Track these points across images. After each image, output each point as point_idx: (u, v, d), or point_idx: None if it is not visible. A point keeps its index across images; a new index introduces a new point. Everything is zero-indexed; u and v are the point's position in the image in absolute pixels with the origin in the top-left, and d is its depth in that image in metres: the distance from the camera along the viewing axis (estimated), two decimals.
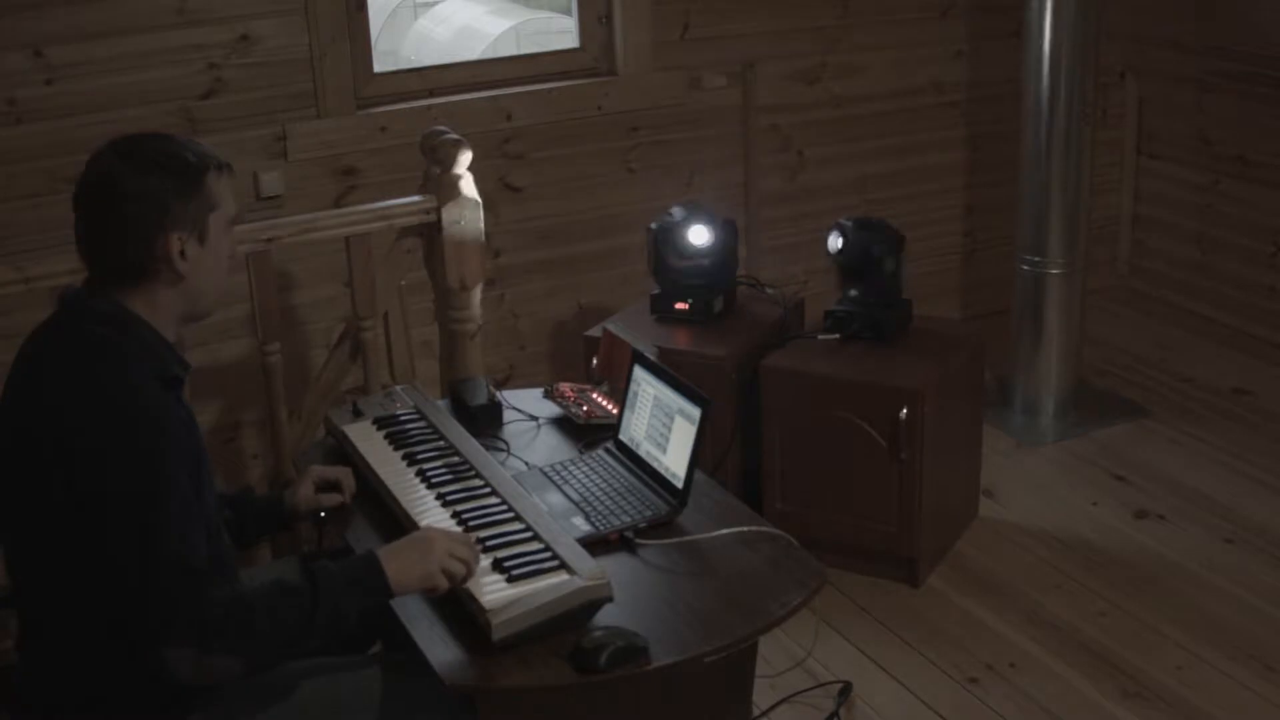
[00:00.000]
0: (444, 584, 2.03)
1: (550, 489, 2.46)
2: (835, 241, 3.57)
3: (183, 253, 1.98)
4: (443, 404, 2.83)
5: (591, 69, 4.20)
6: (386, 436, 2.60)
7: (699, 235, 3.64)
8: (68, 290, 2.03)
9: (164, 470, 1.88)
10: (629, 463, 2.53)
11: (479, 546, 2.16)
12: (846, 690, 3.05)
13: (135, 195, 1.95)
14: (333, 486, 2.43)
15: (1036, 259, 4.20)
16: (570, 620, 2.02)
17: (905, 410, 3.29)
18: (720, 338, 3.60)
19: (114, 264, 1.99)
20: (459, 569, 2.05)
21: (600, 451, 2.60)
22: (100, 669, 1.93)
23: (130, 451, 1.86)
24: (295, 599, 1.92)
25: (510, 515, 2.26)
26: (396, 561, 2.01)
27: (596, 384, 2.89)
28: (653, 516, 2.35)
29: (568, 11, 4.28)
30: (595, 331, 3.48)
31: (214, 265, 2.05)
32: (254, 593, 1.94)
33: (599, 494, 2.43)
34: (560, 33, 4.48)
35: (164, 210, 1.96)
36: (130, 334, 1.97)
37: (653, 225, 3.72)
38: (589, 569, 2.07)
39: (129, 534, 1.84)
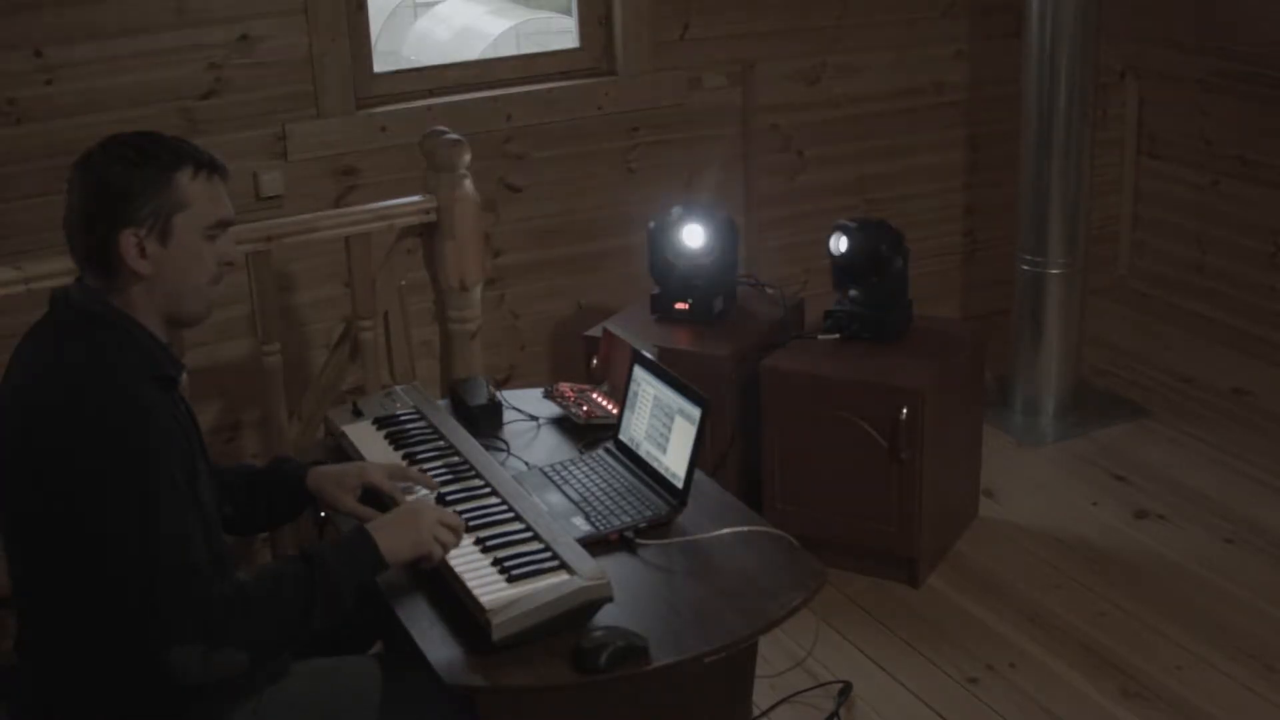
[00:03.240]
0: (437, 552, 2.09)
1: (550, 489, 2.46)
2: (839, 243, 3.57)
3: (142, 250, 1.93)
4: (443, 404, 2.83)
5: (591, 69, 4.19)
6: (386, 436, 2.60)
7: (693, 236, 3.64)
8: (57, 290, 2.02)
9: (161, 472, 1.87)
10: (629, 463, 2.53)
11: (478, 547, 2.16)
12: (846, 690, 3.05)
13: (99, 186, 1.93)
14: (377, 498, 2.32)
15: (1036, 259, 4.20)
16: (570, 620, 2.02)
17: (905, 410, 3.29)
18: (720, 338, 3.60)
19: (80, 254, 1.97)
20: (450, 537, 2.11)
21: (600, 451, 2.60)
22: (100, 670, 1.93)
23: (126, 455, 1.85)
24: (293, 583, 1.94)
25: (510, 515, 2.26)
26: (386, 532, 2.06)
27: (596, 384, 2.89)
28: (653, 516, 2.35)
29: (568, 11, 4.28)
30: (595, 331, 3.48)
31: (183, 268, 1.97)
32: (253, 584, 1.94)
33: (599, 494, 2.43)
34: (560, 33, 4.48)
35: (121, 204, 1.92)
36: (122, 333, 1.95)
37: (651, 224, 3.72)
38: (589, 569, 2.07)
39: (128, 538, 1.83)
